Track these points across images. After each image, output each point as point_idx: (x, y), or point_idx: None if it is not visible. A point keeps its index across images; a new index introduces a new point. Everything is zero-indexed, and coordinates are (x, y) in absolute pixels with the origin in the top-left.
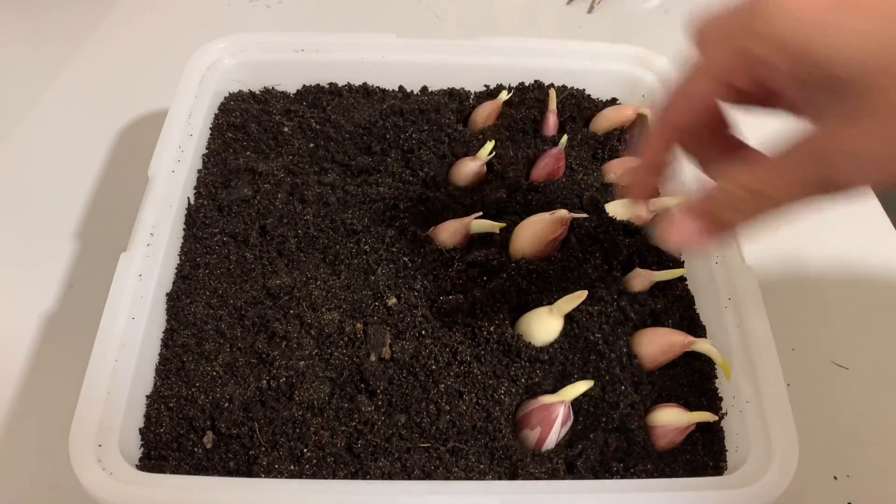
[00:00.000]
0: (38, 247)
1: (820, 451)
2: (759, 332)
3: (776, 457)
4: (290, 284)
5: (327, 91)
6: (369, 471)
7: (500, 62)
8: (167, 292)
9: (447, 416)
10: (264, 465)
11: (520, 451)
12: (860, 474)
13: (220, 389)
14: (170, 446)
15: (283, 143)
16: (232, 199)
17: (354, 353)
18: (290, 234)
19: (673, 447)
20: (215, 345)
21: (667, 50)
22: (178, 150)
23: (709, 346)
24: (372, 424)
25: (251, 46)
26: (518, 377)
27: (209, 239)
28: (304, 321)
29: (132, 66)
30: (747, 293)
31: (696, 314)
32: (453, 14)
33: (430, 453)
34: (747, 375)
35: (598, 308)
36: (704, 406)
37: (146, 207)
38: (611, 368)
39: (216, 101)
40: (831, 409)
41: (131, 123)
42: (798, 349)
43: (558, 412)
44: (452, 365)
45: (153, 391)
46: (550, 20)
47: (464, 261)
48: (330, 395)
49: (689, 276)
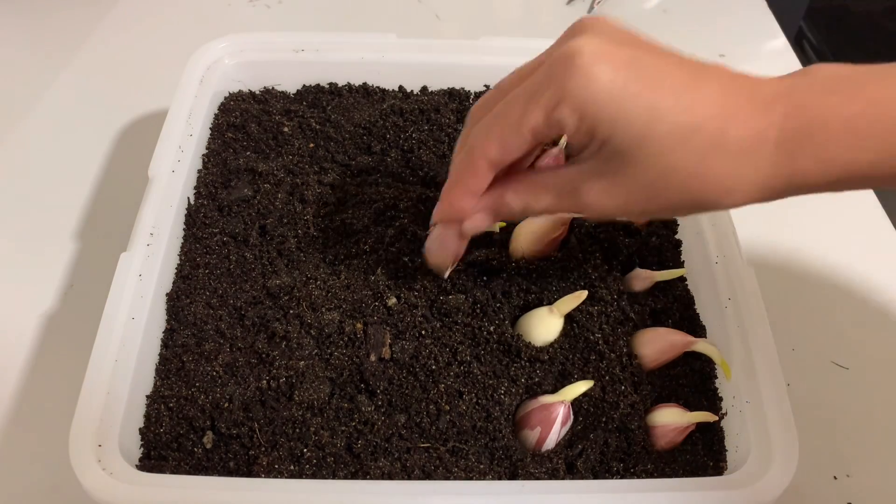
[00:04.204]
0: (38, 247)
1: (820, 451)
2: (759, 332)
3: (776, 457)
4: (290, 284)
5: (327, 91)
6: (369, 471)
7: (500, 62)
8: (167, 292)
9: (447, 416)
10: (264, 465)
11: (520, 451)
12: (860, 474)
13: (220, 389)
14: (170, 446)
15: (283, 143)
16: (232, 199)
17: (354, 353)
18: (290, 234)
19: (673, 447)
20: (215, 345)
21: None
22: (178, 150)
23: (709, 346)
24: (372, 424)
25: (251, 46)
26: (518, 377)
27: (209, 239)
28: (304, 321)
29: (132, 66)
30: (747, 293)
31: (696, 314)
32: (453, 14)
33: (430, 453)
34: (747, 375)
35: (598, 308)
36: (704, 406)
37: (146, 207)
38: (611, 368)
39: (216, 101)
40: (831, 409)
41: (131, 123)
42: (798, 349)
43: (558, 412)
44: (452, 365)
45: (153, 391)
46: (550, 20)
47: (464, 261)
48: (330, 395)
49: (689, 276)
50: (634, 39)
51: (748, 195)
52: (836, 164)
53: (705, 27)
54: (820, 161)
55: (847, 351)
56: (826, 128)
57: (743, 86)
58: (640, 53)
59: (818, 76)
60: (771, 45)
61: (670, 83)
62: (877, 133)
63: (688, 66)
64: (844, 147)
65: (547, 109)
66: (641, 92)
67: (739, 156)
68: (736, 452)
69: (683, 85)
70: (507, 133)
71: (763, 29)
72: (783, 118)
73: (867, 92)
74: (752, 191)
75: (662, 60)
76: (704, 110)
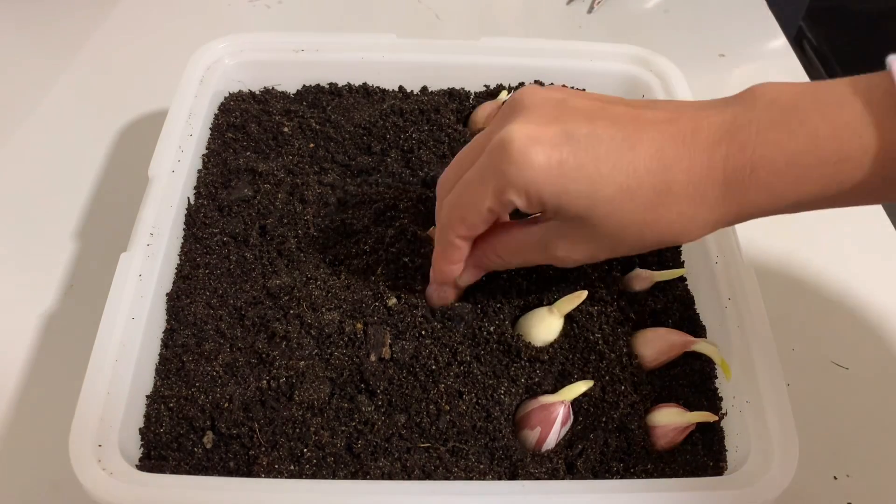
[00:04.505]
0: (38, 247)
1: (820, 451)
2: (759, 332)
3: (776, 457)
4: (290, 284)
5: (327, 91)
6: (369, 471)
7: (500, 62)
8: (167, 292)
9: (447, 416)
10: (264, 465)
11: (520, 451)
12: (860, 474)
13: (220, 389)
14: (170, 446)
15: (283, 143)
16: (232, 199)
17: (354, 353)
18: (290, 234)
19: (673, 447)
20: (215, 345)
21: (667, 50)
22: (178, 150)
23: (709, 346)
24: (372, 424)
25: (251, 46)
26: (518, 377)
27: (209, 239)
28: (304, 321)
29: (132, 66)
30: (747, 293)
31: (696, 314)
32: (453, 14)
33: (430, 453)
34: (747, 375)
35: (598, 308)
36: (704, 406)
37: (146, 207)
38: (611, 368)
39: (216, 101)
40: (831, 409)
41: (131, 123)
42: (798, 349)
43: (558, 412)
44: (452, 365)
45: (153, 391)
46: (550, 20)
47: None
48: (330, 395)
49: (689, 276)
50: (566, 108)
51: (704, 230)
52: (786, 197)
53: (705, 27)
54: (769, 195)
55: (847, 351)
56: (772, 167)
57: (682, 129)
58: (571, 126)
59: (759, 105)
60: (771, 45)
61: (605, 149)
62: (821, 169)
63: (622, 122)
64: (791, 182)
65: (496, 195)
66: (578, 166)
67: (687, 201)
68: (736, 452)
69: (618, 148)
70: (468, 216)
71: (763, 29)
72: (727, 159)
73: (809, 125)
74: (707, 226)
75: (595, 125)
76: (645, 166)
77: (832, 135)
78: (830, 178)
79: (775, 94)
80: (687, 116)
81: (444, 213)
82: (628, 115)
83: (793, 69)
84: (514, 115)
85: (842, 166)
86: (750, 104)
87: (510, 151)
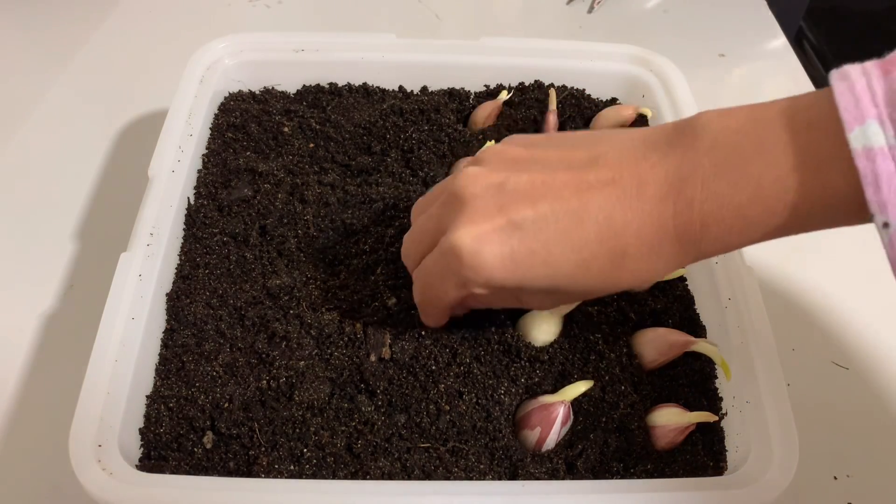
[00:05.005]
0: (38, 247)
1: (820, 451)
2: (759, 332)
3: (776, 457)
4: (290, 284)
5: (327, 91)
6: (369, 471)
7: (500, 62)
8: (167, 292)
9: (447, 416)
10: (264, 465)
11: (520, 451)
12: (860, 474)
13: (220, 389)
14: (170, 446)
15: (283, 143)
16: (232, 199)
17: (354, 354)
18: (290, 234)
19: (673, 447)
20: (215, 345)
21: (667, 50)
22: (178, 150)
23: (709, 346)
24: (372, 424)
25: (251, 46)
26: (518, 377)
27: (209, 239)
28: (303, 321)
29: (132, 66)
30: (747, 293)
31: (696, 314)
32: (453, 14)
33: (430, 453)
34: (747, 375)
35: (597, 308)
36: (704, 406)
37: (146, 207)
38: (611, 368)
39: (216, 101)
40: (831, 409)
41: (131, 123)
42: (798, 349)
43: (558, 412)
44: (452, 365)
45: (153, 391)
46: (550, 20)
47: None
48: (330, 395)
49: (689, 276)
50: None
51: (665, 274)
52: (740, 243)
53: (705, 27)
54: (723, 245)
55: (847, 351)
56: (721, 223)
57: (626, 189)
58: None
59: (702, 146)
60: (771, 45)
61: (553, 231)
62: (768, 220)
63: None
64: (742, 232)
65: (459, 290)
66: (530, 252)
67: (643, 259)
68: (736, 452)
69: (566, 227)
70: (439, 303)
71: (763, 29)
72: (676, 217)
73: (752, 173)
74: (668, 271)
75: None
76: (596, 237)
77: (775, 183)
78: (779, 226)
79: (718, 128)
80: (629, 172)
81: (417, 294)
82: (571, 183)
83: (793, 69)
84: (457, 213)
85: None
86: (691, 143)
87: (462, 257)
